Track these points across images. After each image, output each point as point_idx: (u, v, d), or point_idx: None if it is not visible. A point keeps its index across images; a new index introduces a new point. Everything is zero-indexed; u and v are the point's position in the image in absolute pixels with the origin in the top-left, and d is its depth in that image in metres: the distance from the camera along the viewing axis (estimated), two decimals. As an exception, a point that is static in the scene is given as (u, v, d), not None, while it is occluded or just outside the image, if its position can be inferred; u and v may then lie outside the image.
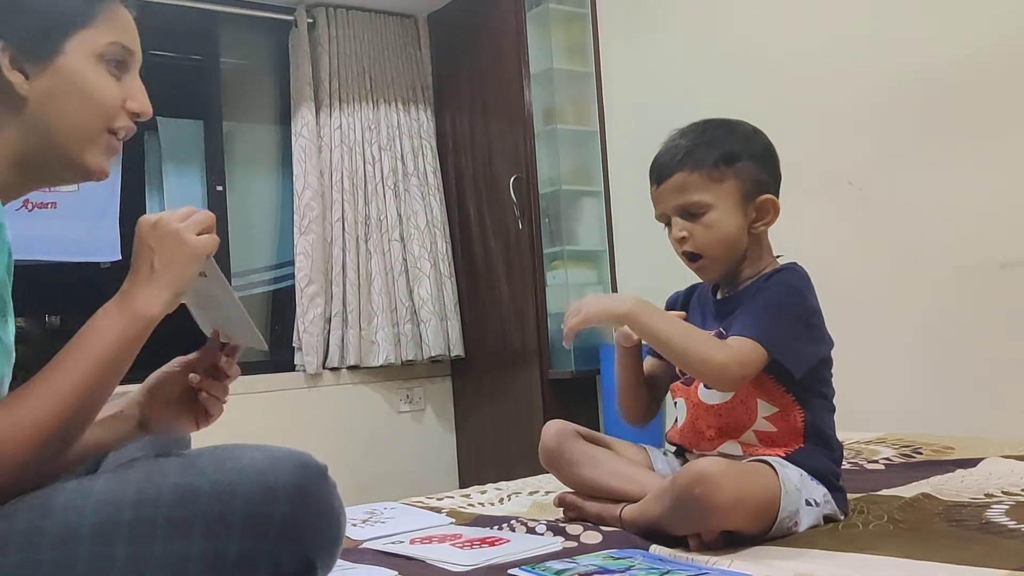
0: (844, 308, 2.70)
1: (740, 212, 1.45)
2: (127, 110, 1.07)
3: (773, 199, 1.47)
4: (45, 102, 1.02)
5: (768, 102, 2.86)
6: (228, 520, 0.81)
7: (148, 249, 1.00)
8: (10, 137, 1.02)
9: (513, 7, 3.57)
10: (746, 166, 1.46)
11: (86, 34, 1.04)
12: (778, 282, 1.43)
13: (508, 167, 3.63)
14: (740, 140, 1.49)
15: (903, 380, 2.53)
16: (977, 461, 1.78)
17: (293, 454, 0.87)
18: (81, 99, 1.04)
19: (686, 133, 1.50)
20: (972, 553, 1.14)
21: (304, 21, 3.76)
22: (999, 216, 2.34)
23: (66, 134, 1.04)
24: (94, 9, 1.05)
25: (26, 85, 1.02)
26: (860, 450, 2.08)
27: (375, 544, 1.42)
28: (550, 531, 1.43)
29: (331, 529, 0.87)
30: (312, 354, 3.66)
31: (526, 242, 3.57)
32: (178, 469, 0.85)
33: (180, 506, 0.82)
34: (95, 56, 1.04)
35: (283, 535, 0.83)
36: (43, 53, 1.02)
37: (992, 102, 2.36)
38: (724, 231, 1.44)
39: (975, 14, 2.38)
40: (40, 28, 1.03)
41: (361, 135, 3.80)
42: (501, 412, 3.72)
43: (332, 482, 0.88)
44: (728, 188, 1.44)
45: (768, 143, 1.52)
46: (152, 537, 0.80)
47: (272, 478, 0.84)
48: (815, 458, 1.40)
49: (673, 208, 1.46)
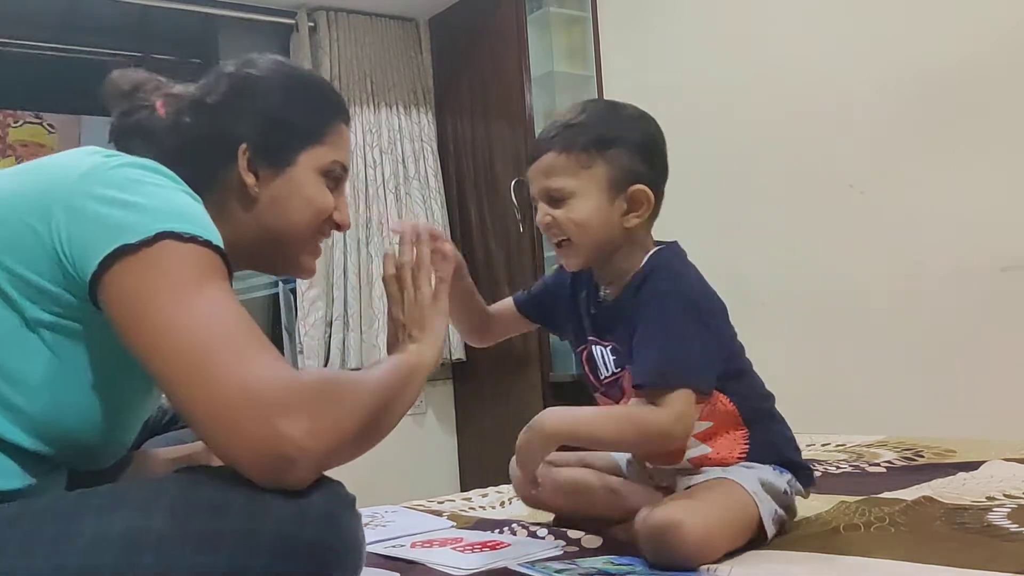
0: (845, 310, 2.71)
1: (607, 202, 1.35)
2: (331, 220, 1.19)
3: (645, 190, 1.36)
4: (270, 205, 1.13)
5: (769, 105, 2.86)
6: (259, 538, 0.81)
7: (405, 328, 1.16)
8: (232, 227, 1.11)
9: (514, 10, 3.57)
10: (619, 153, 1.35)
11: (317, 151, 1.15)
12: (654, 300, 1.33)
13: (509, 170, 3.63)
14: (619, 125, 1.38)
15: (904, 383, 2.53)
16: (979, 464, 1.78)
17: (326, 480, 0.88)
18: (302, 208, 1.15)
19: (568, 111, 1.41)
20: (974, 556, 1.13)
21: (305, 25, 3.77)
22: (1001, 219, 2.34)
23: (283, 235, 1.15)
24: (327, 128, 1.17)
25: (257, 187, 1.12)
26: (861, 453, 2.07)
27: (376, 547, 1.42)
28: (551, 535, 1.43)
29: (353, 558, 0.88)
30: (314, 358, 3.66)
31: (527, 245, 3.57)
32: (213, 482, 0.85)
33: (212, 519, 0.82)
34: (319, 170, 1.16)
35: (310, 558, 0.83)
36: (279, 162, 1.13)
37: (994, 105, 2.36)
38: (586, 219, 1.35)
39: (977, 17, 2.38)
40: (282, 139, 1.13)
41: (362, 138, 3.81)
42: (502, 415, 3.72)
43: (359, 513, 0.90)
44: (594, 175, 1.35)
45: (653, 132, 1.40)
46: (181, 548, 0.80)
47: (305, 502, 0.84)
48: (769, 440, 1.38)
49: (539, 191, 1.39)
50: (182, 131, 1.12)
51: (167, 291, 0.87)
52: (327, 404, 0.86)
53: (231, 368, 0.83)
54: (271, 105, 1.13)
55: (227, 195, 1.12)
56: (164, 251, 0.88)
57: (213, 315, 0.87)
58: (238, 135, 1.11)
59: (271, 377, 0.84)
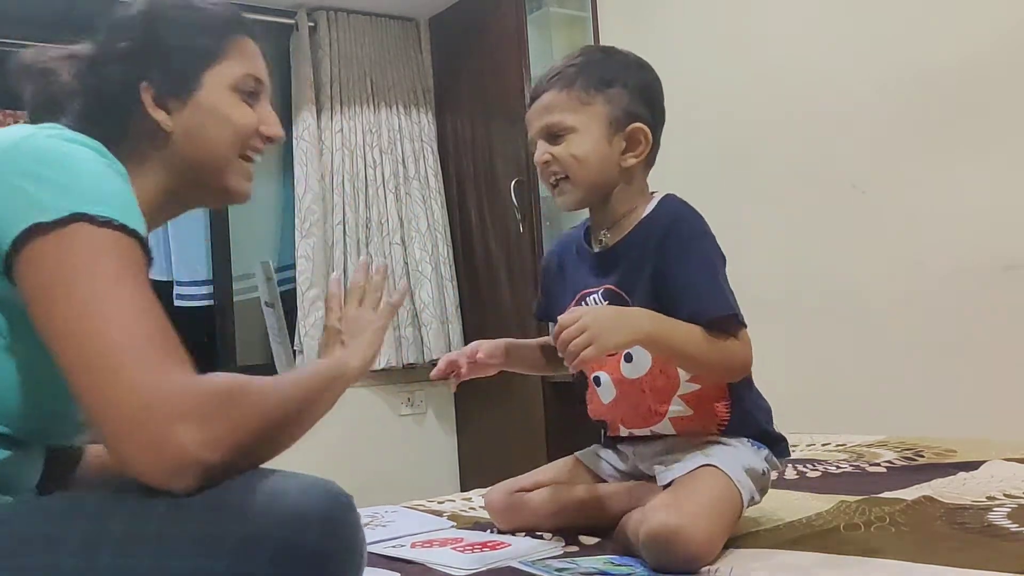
0: (846, 310, 2.71)
1: (605, 140, 1.38)
2: (261, 135, 1.16)
3: (644, 128, 1.39)
4: (187, 135, 1.10)
5: (771, 105, 2.86)
6: (258, 542, 0.81)
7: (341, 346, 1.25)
8: (155, 170, 1.10)
9: (514, 10, 3.57)
10: (619, 93, 1.39)
11: (220, 67, 1.12)
12: (685, 232, 1.35)
13: (509, 170, 3.63)
14: (618, 67, 1.42)
15: (904, 383, 2.53)
16: (979, 464, 1.78)
17: (323, 483, 0.87)
18: (220, 128, 1.12)
19: (569, 54, 1.44)
20: (974, 556, 1.13)
21: (305, 24, 3.77)
22: (1002, 218, 2.34)
23: (208, 163, 1.12)
24: (225, 43, 1.13)
25: (169, 121, 1.09)
26: (862, 453, 2.07)
27: (376, 548, 1.42)
28: (551, 534, 1.43)
29: (354, 561, 0.87)
30: (313, 357, 3.65)
31: (527, 245, 3.56)
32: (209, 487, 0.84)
33: (210, 523, 0.81)
34: (230, 87, 1.12)
35: (310, 563, 0.82)
36: (183, 90, 1.10)
37: (995, 105, 2.36)
38: (585, 154, 1.37)
39: (977, 17, 2.38)
40: (178, 67, 1.10)
41: (362, 138, 3.81)
42: (502, 415, 3.72)
43: (358, 514, 0.89)
44: (595, 112, 1.38)
45: (651, 79, 1.45)
46: (179, 551, 0.80)
47: (304, 505, 0.83)
48: (747, 410, 1.39)
49: (538, 130, 1.41)
50: (86, 91, 1.10)
51: (79, 282, 0.85)
52: (224, 412, 0.85)
53: (131, 373, 0.82)
54: (159, 36, 1.10)
55: (144, 141, 1.09)
56: (78, 235, 0.87)
57: (122, 316, 0.85)
58: (136, 76, 1.08)
59: (169, 383, 0.83)
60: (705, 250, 1.35)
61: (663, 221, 1.38)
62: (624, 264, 1.39)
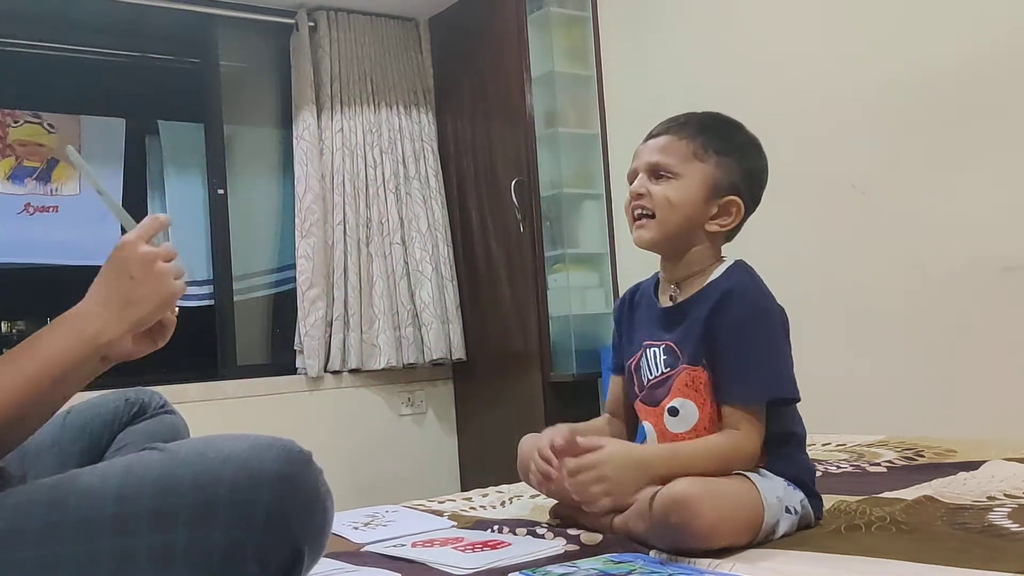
0: (847, 311, 2.71)
1: (702, 199, 1.42)
2: None
3: (738, 201, 1.43)
4: None
5: (771, 105, 2.86)
6: (212, 510, 0.80)
7: (127, 279, 1.00)
8: None
9: (514, 10, 3.57)
10: (731, 163, 1.43)
11: None
12: (733, 307, 1.37)
13: (509, 170, 3.63)
14: (740, 142, 1.47)
15: (905, 383, 2.53)
16: (979, 464, 1.78)
17: (276, 441, 0.86)
18: None
19: (698, 112, 1.48)
20: (974, 556, 1.13)
21: (305, 24, 3.77)
22: (1002, 220, 2.33)
23: None
24: None
25: None
26: (862, 453, 2.07)
27: (376, 547, 1.42)
28: (551, 533, 1.42)
29: (317, 516, 0.86)
30: (314, 357, 3.66)
31: (527, 245, 3.56)
32: (160, 461, 0.84)
33: (163, 497, 0.81)
34: None
35: (269, 523, 0.82)
36: None
37: (995, 106, 2.35)
38: (680, 201, 1.40)
39: (978, 17, 2.38)
40: None
41: (362, 138, 3.81)
42: (502, 415, 3.72)
43: (317, 468, 0.87)
44: (703, 170, 1.42)
45: (763, 166, 1.49)
46: (136, 530, 0.79)
47: (256, 465, 0.83)
48: (792, 464, 1.40)
49: (645, 163, 1.44)
50: None
51: None
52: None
53: None
54: None
55: None
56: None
57: None
58: None
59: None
60: (746, 329, 1.36)
61: (723, 287, 1.40)
62: (685, 323, 1.42)
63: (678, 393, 1.41)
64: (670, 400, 1.42)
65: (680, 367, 1.41)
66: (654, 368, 1.45)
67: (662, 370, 1.43)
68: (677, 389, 1.41)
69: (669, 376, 1.42)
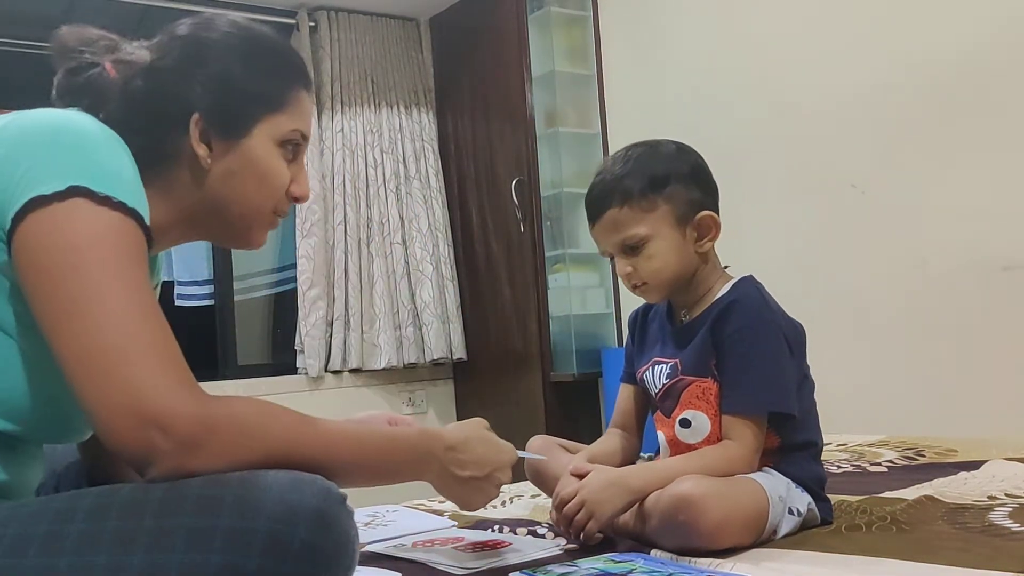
0: (847, 310, 2.71)
1: (679, 236, 1.41)
2: (289, 193, 1.12)
3: (712, 215, 1.43)
4: (224, 178, 1.06)
5: (770, 104, 2.86)
6: (250, 535, 0.81)
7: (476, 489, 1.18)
8: (183, 198, 1.06)
9: (515, 10, 3.57)
10: (675, 189, 1.41)
11: (275, 119, 1.08)
12: (734, 319, 1.37)
13: (510, 170, 3.63)
14: (665, 163, 1.44)
15: (905, 382, 2.53)
16: (980, 463, 1.78)
17: (316, 479, 0.87)
18: (257, 181, 1.08)
19: (612, 163, 1.45)
20: (975, 556, 1.13)
21: (306, 24, 3.77)
22: (1002, 219, 2.34)
23: (237, 210, 1.09)
24: (287, 95, 1.09)
25: (209, 159, 1.05)
26: (863, 453, 2.07)
27: (377, 547, 1.42)
28: (551, 533, 1.43)
29: (346, 557, 0.87)
30: (314, 357, 3.66)
31: (528, 245, 3.57)
32: (203, 480, 0.84)
33: (202, 516, 0.81)
34: (277, 140, 1.08)
35: (301, 557, 0.82)
36: (234, 132, 1.06)
37: (995, 104, 2.36)
38: (666, 259, 1.41)
39: (977, 14, 2.38)
40: (238, 108, 1.06)
41: (363, 138, 3.81)
42: (503, 415, 3.71)
43: (350, 510, 0.88)
44: (661, 215, 1.40)
45: (695, 160, 1.47)
46: (172, 546, 0.80)
47: (296, 499, 0.83)
48: (801, 467, 1.39)
49: (612, 245, 1.44)
50: (132, 97, 1.04)
51: (77, 271, 0.84)
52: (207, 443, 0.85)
53: (127, 374, 0.83)
54: (227, 71, 1.05)
55: (177, 165, 1.05)
56: (76, 210, 0.85)
57: (127, 312, 0.84)
58: (191, 104, 1.04)
59: (166, 395, 0.83)
60: (745, 339, 1.36)
61: (728, 299, 1.41)
62: (693, 338, 1.43)
63: (688, 405, 1.41)
64: (680, 412, 1.43)
65: (678, 377, 1.43)
66: (655, 384, 1.47)
67: (663, 382, 1.45)
68: (687, 401, 1.42)
69: (675, 383, 1.43)
